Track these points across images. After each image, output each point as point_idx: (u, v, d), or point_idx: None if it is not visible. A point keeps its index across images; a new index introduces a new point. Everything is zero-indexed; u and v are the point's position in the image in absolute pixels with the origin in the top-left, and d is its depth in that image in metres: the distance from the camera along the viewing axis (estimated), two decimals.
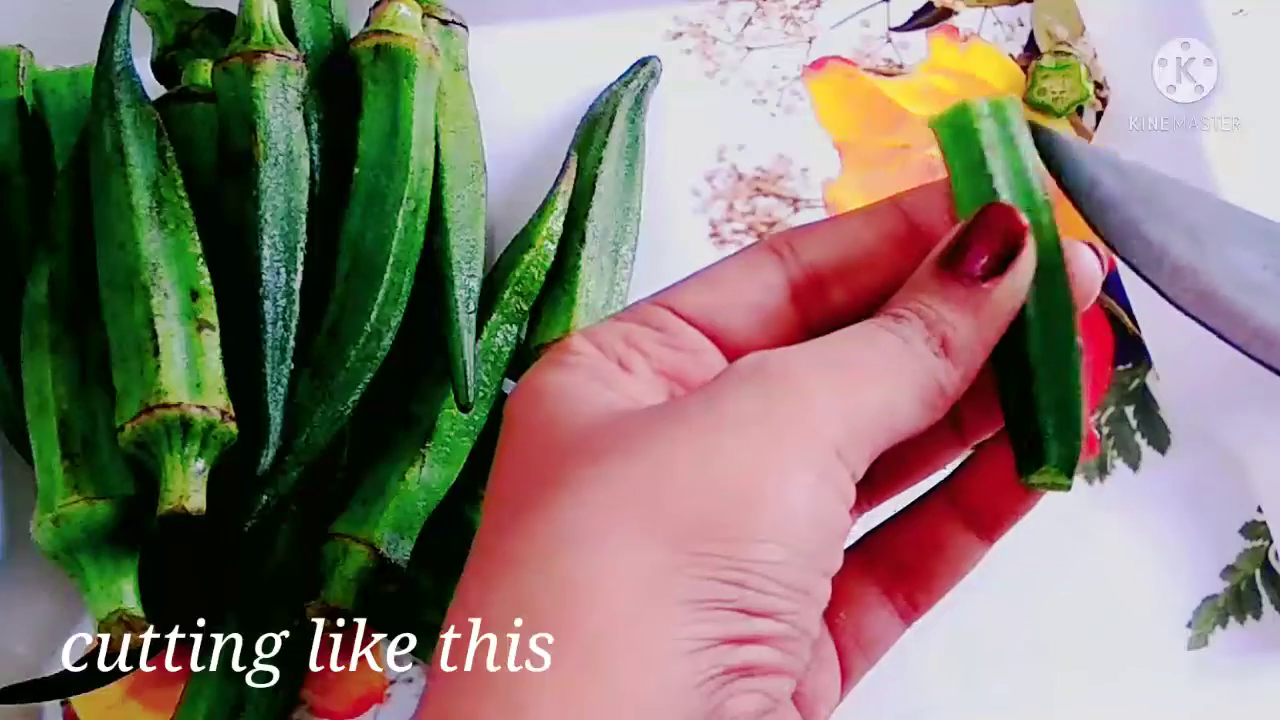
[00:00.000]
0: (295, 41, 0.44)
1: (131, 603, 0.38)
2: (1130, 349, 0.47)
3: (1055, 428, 0.30)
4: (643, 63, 0.49)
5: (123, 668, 0.40)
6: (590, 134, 0.47)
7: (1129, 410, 0.46)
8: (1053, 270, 0.30)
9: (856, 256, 0.30)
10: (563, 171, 0.46)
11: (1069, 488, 0.30)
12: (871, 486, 0.32)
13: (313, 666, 0.42)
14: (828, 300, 0.30)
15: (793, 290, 0.29)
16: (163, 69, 0.47)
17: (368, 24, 0.45)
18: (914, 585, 0.31)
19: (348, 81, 0.44)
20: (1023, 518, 0.31)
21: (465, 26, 0.48)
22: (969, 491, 0.31)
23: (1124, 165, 0.29)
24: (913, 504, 0.32)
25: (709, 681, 0.24)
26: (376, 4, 0.45)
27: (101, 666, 0.40)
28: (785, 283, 0.29)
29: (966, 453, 0.32)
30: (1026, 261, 0.29)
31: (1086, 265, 0.30)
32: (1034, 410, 0.30)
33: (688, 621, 0.24)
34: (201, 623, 0.41)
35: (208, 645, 0.40)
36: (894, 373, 0.27)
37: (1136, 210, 0.29)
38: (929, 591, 0.32)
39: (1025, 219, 0.29)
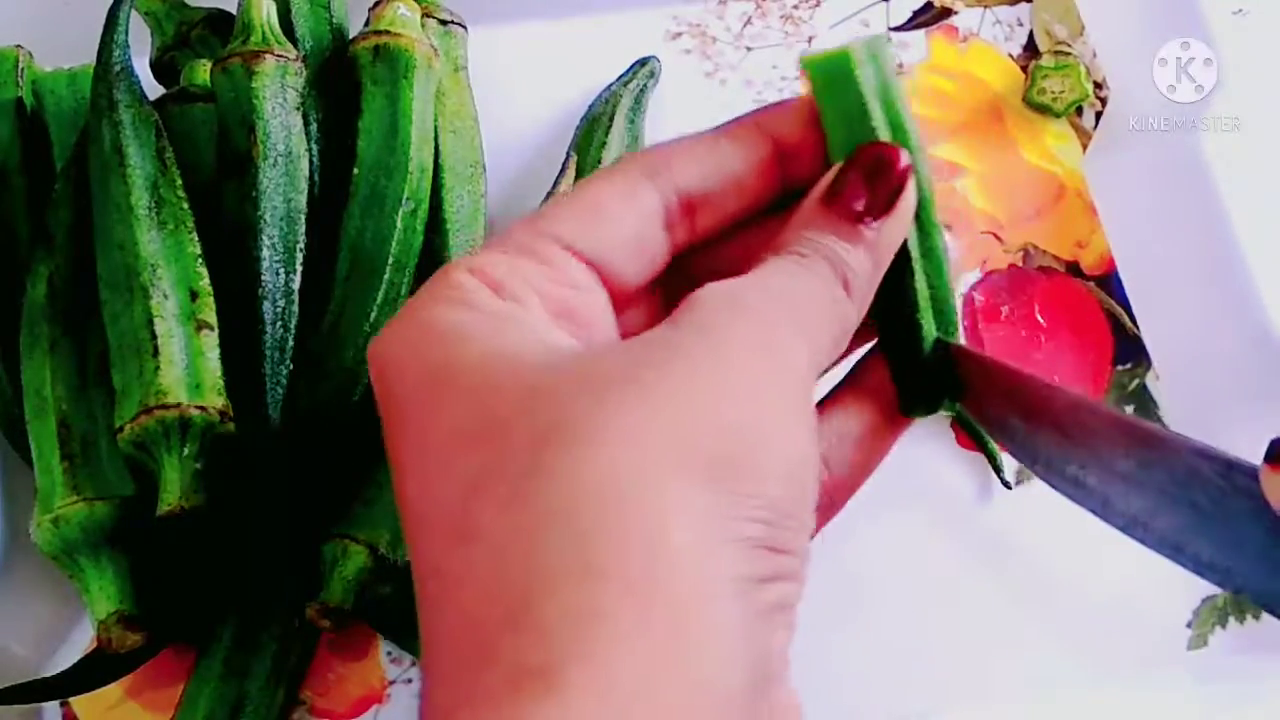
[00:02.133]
0: (294, 42, 0.44)
1: (131, 603, 0.38)
2: (1130, 349, 0.47)
3: (942, 371, 0.31)
4: (642, 63, 0.49)
5: (122, 668, 0.40)
6: (589, 134, 0.47)
7: (1129, 410, 0.46)
8: (928, 216, 0.31)
9: (727, 182, 0.30)
10: (562, 171, 0.46)
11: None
12: None
13: (312, 667, 0.42)
14: (693, 225, 0.30)
15: (666, 216, 0.29)
16: (162, 69, 0.47)
17: (367, 24, 0.45)
18: (835, 479, 0.32)
19: (347, 82, 0.44)
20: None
21: (465, 26, 0.48)
22: (878, 378, 0.32)
23: (990, 364, 0.31)
24: (823, 399, 0.32)
25: (757, 619, 0.24)
26: (376, 4, 0.45)
27: (101, 667, 0.40)
28: (661, 209, 0.29)
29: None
30: (909, 201, 0.29)
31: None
32: (919, 354, 0.31)
33: (737, 562, 0.24)
34: (201, 623, 0.41)
35: (208, 646, 0.40)
36: (821, 311, 0.28)
37: (1005, 408, 0.30)
38: (847, 486, 0.32)
39: (907, 159, 0.29)
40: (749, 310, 0.26)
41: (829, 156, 0.30)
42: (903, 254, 0.31)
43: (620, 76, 0.49)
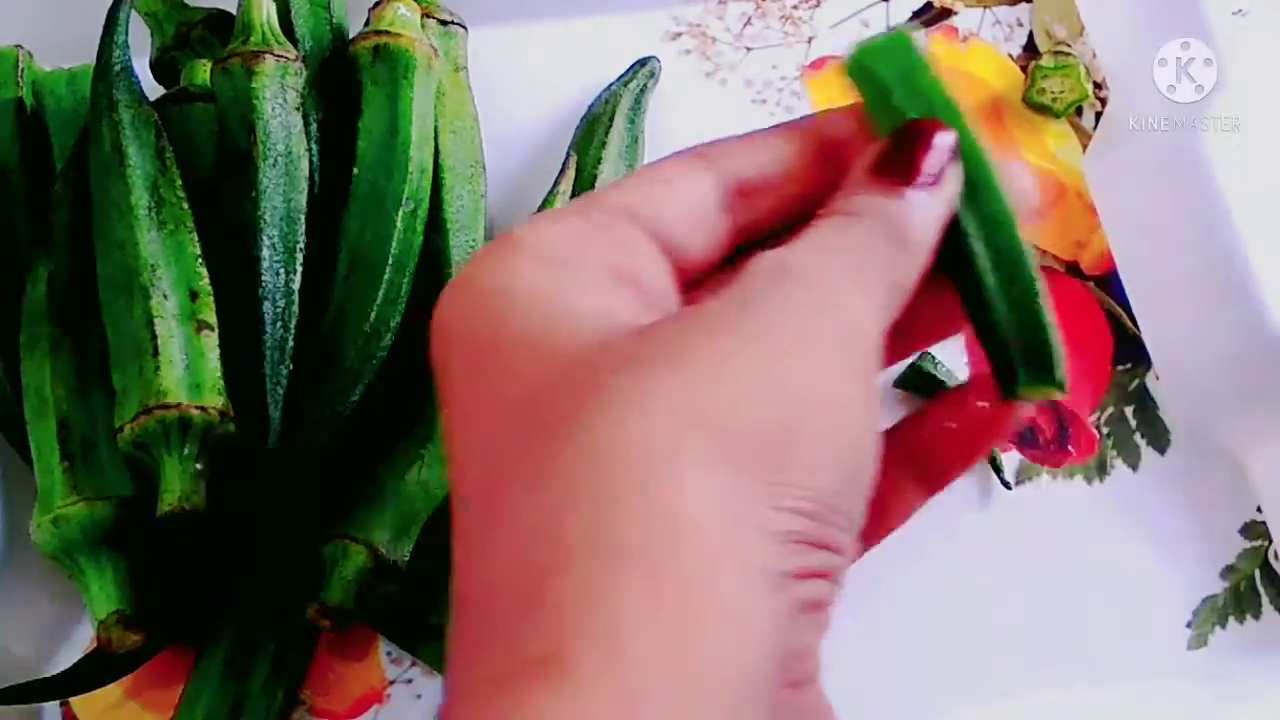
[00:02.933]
0: (294, 42, 0.44)
1: (130, 603, 0.38)
2: (1130, 349, 0.47)
3: (1033, 344, 0.31)
4: (642, 63, 0.49)
5: (122, 668, 0.40)
6: (589, 134, 0.47)
7: (1129, 410, 0.46)
8: (985, 183, 0.30)
9: (779, 167, 0.30)
10: (562, 171, 0.46)
11: (1064, 393, 0.31)
12: None
13: (313, 667, 0.42)
14: (755, 208, 0.30)
15: (722, 197, 0.29)
16: (162, 69, 0.47)
17: (367, 24, 0.45)
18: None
19: (347, 82, 0.44)
20: (968, 469, 0.32)
21: (465, 26, 0.48)
22: (918, 441, 0.31)
23: None
24: None
25: (787, 615, 0.23)
26: (376, 4, 0.45)
27: (101, 667, 0.40)
28: (716, 189, 0.29)
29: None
30: (955, 166, 0.29)
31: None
32: (996, 330, 0.30)
33: (769, 555, 0.23)
34: (201, 623, 0.41)
35: (208, 646, 0.40)
36: (875, 261, 0.27)
37: None
38: (868, 537, 0.30)
39: (949, 126, 0.29)
40: (796, 273, 0.25)
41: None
42: (958, 226, 0.30)
43: (620, 76, 0.49)
